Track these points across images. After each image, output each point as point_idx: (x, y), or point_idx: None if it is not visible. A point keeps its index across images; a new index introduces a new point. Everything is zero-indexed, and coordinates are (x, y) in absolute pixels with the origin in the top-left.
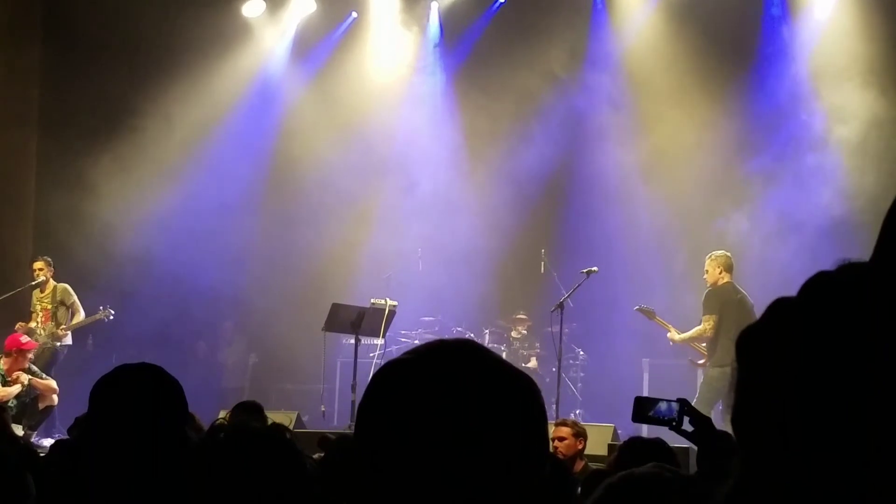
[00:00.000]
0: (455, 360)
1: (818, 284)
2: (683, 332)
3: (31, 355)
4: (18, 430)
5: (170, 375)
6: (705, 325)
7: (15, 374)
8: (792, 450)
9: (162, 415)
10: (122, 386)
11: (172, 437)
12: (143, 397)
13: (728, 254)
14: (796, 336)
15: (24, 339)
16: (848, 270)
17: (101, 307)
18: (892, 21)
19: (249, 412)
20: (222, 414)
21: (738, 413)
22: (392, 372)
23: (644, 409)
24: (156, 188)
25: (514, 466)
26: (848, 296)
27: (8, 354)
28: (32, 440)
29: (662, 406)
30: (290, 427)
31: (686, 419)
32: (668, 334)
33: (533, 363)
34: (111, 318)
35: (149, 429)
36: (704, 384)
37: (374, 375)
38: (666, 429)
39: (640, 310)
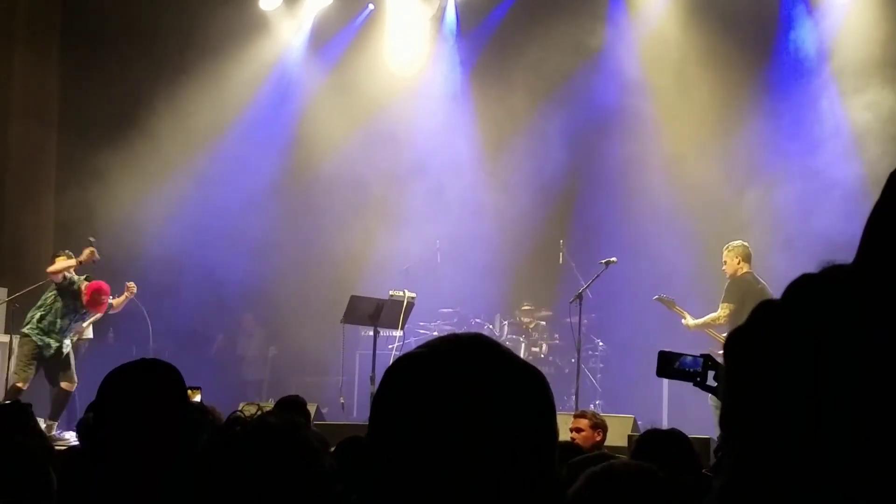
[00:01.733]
0: (468, 353)
1: (802, 286)
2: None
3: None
4: (41, 423)
5: (173, 370)
6: (721, 312)
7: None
8: (779, 447)
9: (161, 411)
10: (125, 381)
11: (173, 432)
12: (144, 393)
13: (745, 244)
14: (781, 337)
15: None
16: (831, 272)
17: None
18: None
19: (292, 408)
20: (241, 406)
21: (728, 412)
22: (405, 366)
23: (669, 362)
24: (175, 182)
25: (523, 459)
26: (831, 297)
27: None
28: (54, 433)
29: (687, 359)
30: (311, 419)
31: (711, 374)
32: (683, 321)
33: (545, 349)
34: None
35: (151, 423)
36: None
37: (388, 369)
38: (680, 421)
39: (659, 299)
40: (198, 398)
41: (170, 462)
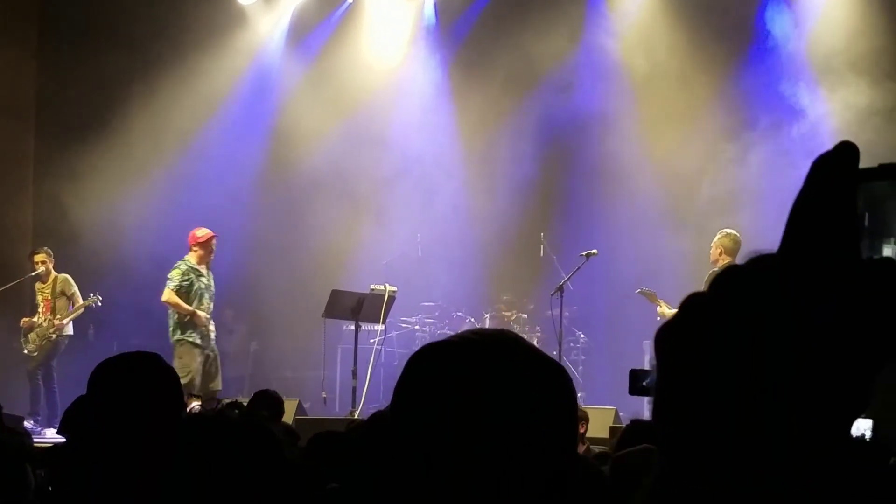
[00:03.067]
0: (496, 345)
1: (726, 277)
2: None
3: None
4: (21, 422)
5: (167, 364)
6: None
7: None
8: (711, 441)
9: (158, 402)
10: (120, 372)
11: (168, 425)
12: (140, 384)
13: (733, 232)
14: (710, 329)
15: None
16: (756, 262)
17: (90, 294)
18: (891, 9)
19: (267, 402)
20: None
21: (656, 410)
22: (434, 353)
23: (639, 380)
24: (153, 178)
25: (543, 454)
26: (755, 287)
27: (193, 250)
28: (34, 428)
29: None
30: (293, 414)
31: None
32: (658, 309)
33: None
34: (99, 304)
35: (144, 415)
36: None
37: (415, 355)
38: None
39: (642, 292)
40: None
41: (170, 459)
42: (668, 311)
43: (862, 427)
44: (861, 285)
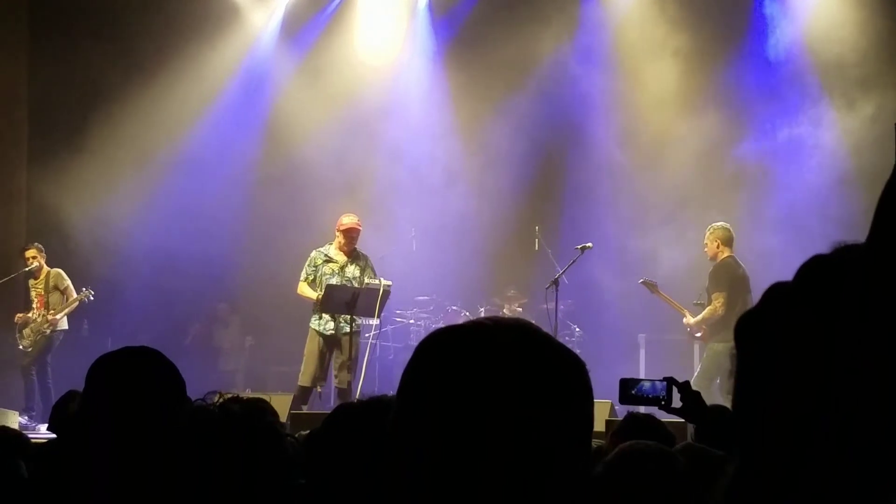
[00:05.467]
0: (511, 332)
1: (813, 267)
2: (689, 310)
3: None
4: (16, 417)
5: (168, 360)
6: (716, 304)
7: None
8: (793, 430)
9: (159, 398)
10: (122, 366)
11: (167, 421)
12: (141, 378)
13: (727, 226)
14: (793, 321)
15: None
16: (843, 253)
17: (82, 289)
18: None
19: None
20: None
21: (739, 400)
22: (445, 338)
23: (628, 389)
24: (147, 172)
25: (559, 444)
26: (843, 278)
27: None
28: (28, 424)
29: (646, 385)
30: (287, 409)
31: (676, 396)
32: (684, 319)
33: None
34: (91, 298)
35: (144, 411)
36: (708, 358)
37: (426, 339)
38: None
39: (644, 283)
40: None
41: (166, 456)
42: (691, 318)
43: None
44: None
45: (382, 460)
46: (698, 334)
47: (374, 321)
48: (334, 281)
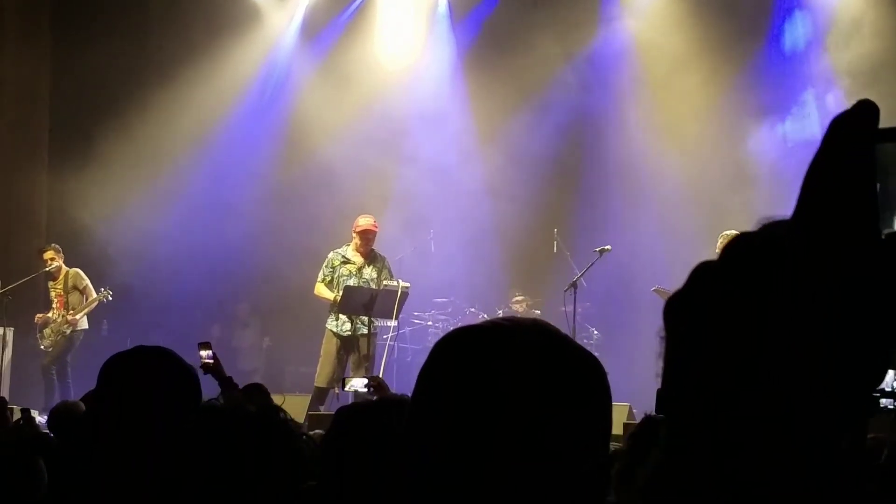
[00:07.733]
0: (529, 333)
1: (739, 244)
2: None
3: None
4: (36, 415)
5: (182, 360)
6: None
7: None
8: (714, 416)
9: (171, 397)
10: (133, 365)
11: (180, 421)
12: (152, 378)
13: (737, 233)
14: (719, 298)
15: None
16: (768, 229)
17: (101, 289)
18: None
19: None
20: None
21: (664, 378)
22: (462, 338)
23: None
24: (168, 173)
25: (576, 445)
26: (767, 253)
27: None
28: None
29: None
30: (305, 409)
31: None
32: None
33: None
34: (110, 298)
35: (155, 410)
36: None
37: (442, 340)
38: None
39: (657, 291)
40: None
41: (184, 459)
42: None
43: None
44: (874, 258)
45: (394, 460)
46: None
47: (392, 323)
48: (352, 282)
